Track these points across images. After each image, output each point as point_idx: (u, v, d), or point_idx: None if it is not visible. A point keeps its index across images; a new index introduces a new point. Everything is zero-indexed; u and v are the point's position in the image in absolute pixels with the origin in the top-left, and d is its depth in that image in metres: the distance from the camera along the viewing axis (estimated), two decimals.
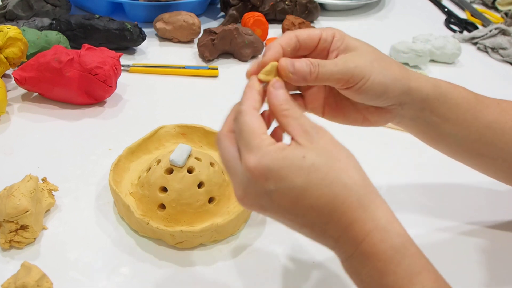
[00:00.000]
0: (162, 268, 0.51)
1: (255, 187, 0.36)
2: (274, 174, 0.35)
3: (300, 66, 0.42)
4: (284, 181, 0.35)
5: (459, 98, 0.49)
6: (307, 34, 0.44)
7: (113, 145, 0.66)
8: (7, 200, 0.49)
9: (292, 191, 0.35)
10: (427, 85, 0.47)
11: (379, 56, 0.45)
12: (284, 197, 0.35)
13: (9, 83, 0.75)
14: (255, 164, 0.35)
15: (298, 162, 0.35)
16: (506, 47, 0.98)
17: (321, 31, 0.45)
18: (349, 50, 0.45)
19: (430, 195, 0.63)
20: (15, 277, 0.46)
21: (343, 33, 0.46)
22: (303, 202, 0.35)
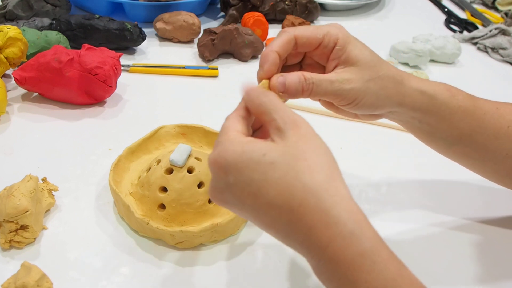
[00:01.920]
0: (162, 268, 0.51)
1: (218, 181, 0.36)
2: (232, 168, 0.35)
3: (293, 83, 0.42)
4: (241, 175, 0.34)
5: (454, 108, 0.49)
6: (307, 38, 0.44)
7: (113, 145, 0.66)
8: (7, 200, 0.49)
9: (250, 185, 0.34)
10: (422, 99, 0.48)
11: (376, 74, 0.45)
12: (243, 191, 0.35)
13: (9, 83, 0.75)
14: (215, 157, 0.36)
15: (257, 158, 0.35)
16: (506, 47, 0.98)
17: (323, 35, 0.44)
18: (349, 63, 0.44)
19: (430, 195, 0.63)
20: (15, 277, 0.46)
21: (347, 37, 0.45)
22: (261, 198, 0.34)
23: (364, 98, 0.45)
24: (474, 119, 0.50)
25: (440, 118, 0.49)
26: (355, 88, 0.44)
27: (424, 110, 0.48)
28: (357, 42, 0.46)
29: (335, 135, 0.72)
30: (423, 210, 0.61)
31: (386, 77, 0.46)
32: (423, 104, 0.48)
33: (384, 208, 0.60)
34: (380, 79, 0.45)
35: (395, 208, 0.61)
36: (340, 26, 0.46)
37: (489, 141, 0.51)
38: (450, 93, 0.49)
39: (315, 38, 0.44)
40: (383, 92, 0.46)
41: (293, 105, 0.78)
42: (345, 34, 0.45)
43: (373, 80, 0.45)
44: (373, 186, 0.63)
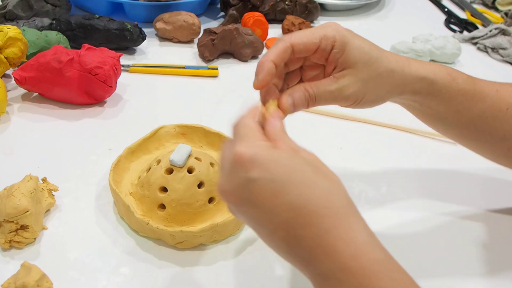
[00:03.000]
0: (162, 268, 0.51)
1: (238, 174, 0.35)
2: (259, 164, 0.34)
3: (300, 101, 0.44)
4: (267, 172, 0.34)
5: (454, 92, 0.49)
6: (304, 45, 0.44)
7: (113, 145, 0.66)
8: (7, 200, 0.49)
9: (273, 183, 0.34)
10: (422, 85, 0.48)
11: (375, 71, 0.46)
12: (264, 188, 0.34)
13: (9, 83, 0.75)
14: (244, 150, 0.35)
15: (285, 160, 0.35)
16: (506, 47, 0.98)
17: (320, 38, 0.44)
18: (347, 66, 0.45)
19: (430, 195, 0.63)
20: (15, 277, 0.46)
21: (344, 38, 0.45)
22: (282, 197, 0.34)
23: (364, 97, 0.46)
24: (473, 102, 0.50)
25: (440, 101, 0.50)
26: (355, 92, 0.45)
27: (424, 94, 0.49)
28: (355, 41, 0.45)
29: (335, 135, 0.72)
30: (424, 210, 0.61)
31: (385, 72, 0.46)
32: (423, 89, 0.49)
33: (384, 208, 0.60)
34: (380, 76, 0.46)
35: (395, 208, 0.61)
36: (336, 26, 0.45)
37: (487, 123, 0.51)
38: (451, 77, 0.49)
39: (312, 43, 0.44)
40: (384, 88, 0.47)
41: None
42: (342, 35, 0.45)
43: (373, 79, 0.46)
44: (373, 186, 0.63)
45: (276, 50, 0.43)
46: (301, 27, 0.94)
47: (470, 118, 0.51)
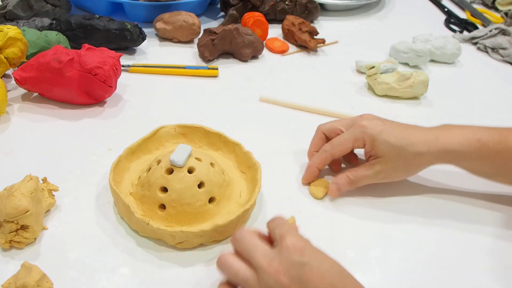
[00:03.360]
0: (162, 268, 0.51)
1: (292, 258, 0.42)
2: (310, 252, 0.43)
3: (343, 186, 0.60)
4: (316, 259, 0.43)
5: (485, 155, 0.57)
6: (341, 152, 0.60)
7: (113, 145, 0.66)
8: (7, 200, 0.49)
9: (321, 267, 0.42)
10: (451, 157, 0.58)
11: (402, 158, 0.58)
12: (314, 270, 0.42)
13: (9, 83, 0.75)
14: (296, 240, 0.43)
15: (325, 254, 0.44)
16: (506, 47, 0.98)
17: (352, 143, 0.59)
18: (378, 156, 0.58)
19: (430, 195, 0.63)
20: (15, 277, 0.46)
21: (372, 137, 0.58)
22: (327, 279, 0.42)
23: (395, 175, 0.60)
24: (508, 159, 0.57)
25: (473, 164, 0.58)
26: (386, 174, 0.59)
27: (455, 162, 0.59)
28: (382, 136, 0.57)
29: None
30: (423, 210, 0.61)
31: (412, 157, 0.58)
32: (453, 159, 0.58)
33: (384, 209, 0.60)
34: (407, 160, 0.58)
35: (395, 207, 0.61)
36: (365, 127, 0.58)
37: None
38: (480, 144, 0.57)
39: (347, 149, 0.60)
40: (413, 168, 0.59)
41: (293, 105, 0.78)
42: (369, 134, 0.58)
43: (401, 164, 0.58)
44: (373, 185, 0.63)
45: (320, 159, 0.61)
46: (301, 27, 0.94)
47: (506, 170, 0.58)
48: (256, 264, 0.43)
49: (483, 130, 0.58)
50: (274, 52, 0.93)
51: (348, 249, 0.54)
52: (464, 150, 0.57)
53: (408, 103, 0.82)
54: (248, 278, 0.43)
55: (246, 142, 0.63)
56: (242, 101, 0.78)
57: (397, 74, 0.81)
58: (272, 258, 0.43)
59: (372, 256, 0.54)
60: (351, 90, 0.84)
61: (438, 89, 0.85)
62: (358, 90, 0.84)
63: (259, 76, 0.86)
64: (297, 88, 0.83)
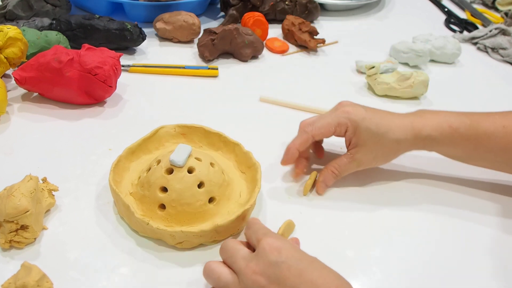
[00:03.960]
0: (162, 268, 0.51)
1: (269, 258, 0.42)
2: (286, 251, 0.43)
3: (329, 180, 0.60)
4: (293, 257, 0.43)
5: (457, 140, 0.58)
6: (322, 134, 0.59)
7: (113, 145, 0.66)
8: (7, 200, 0.49)
9: (299, 265, 0.42)
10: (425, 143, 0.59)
11: (382, 146, 0.58)
12: (291, 268, 0.42)
13: (9, 83, 0.75)
14: (272, 241, 0.43)
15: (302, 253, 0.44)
16: (506, 47, 0.98)
17: (335, 127, 0.58)
18: (359, 144, 0.59)
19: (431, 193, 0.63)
20: (15, 277, 0.46)
21: (355, 124, 0.57)
22: (305, 276, 0.42)
23: (375, 163, 0.61)
24: (478, 144, 0.58)
25: (446, 149, 0.60)
26: (368, 162, 0.60)
27: (430, 147, 0.60)
28: (364, 124, 0.57)
29: None
30: (424, 209, 0.61)
31: (391, 144, 0.59)
32: (427, 145, 0.60)
33: (385, 209, 0.60)
34: (387, 147, 0.59)
35: (395, 208, 0.61)
36: (349, 114, 0.58)
37: (496, 155, 0.59)
38: (452, 129, 0.58)
39: (328, 131, 0.59)
40: (392, 154, 0.60)
41: (293, 105, 0.78)
42: (353, 121, 0.58)
43: (381, 150, 0.59)
44: (373, 186, 0.63)
45: (300, 139, 0.59)
46: (301, 27, 0.94)
47: (479, 154, 0.59)
48: (237, 268, 0.44)
49: (455, 115, 0.59)
50: (274, 52, 0.93)
51: (348, 249, 0.54)
52: (436, 135, 0.58)
53: (408, 103, 0.82)
54: (229, 282, 0.44)
55: (246, 142, 0.63)
56: (242, 101, 0.78)
57: (397, 74, 0.81)
58: (250, 260, 0.43)
59: (372, 256, 0.54)
60: (351, 90, 0.84)
61: (438, 89, 0.85)
62: (358, 90, 0.84)
63: (259, 76, 0.86)
64: (297, 88, 0.83)
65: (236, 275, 0.44)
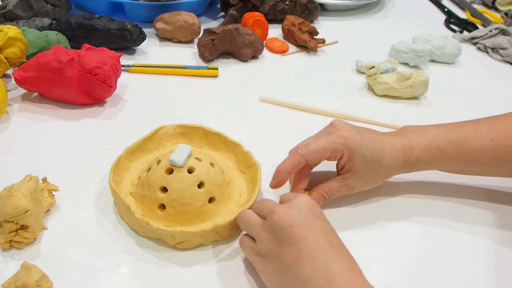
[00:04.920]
0: (162, 268, 0.51)
1: (301, 208, 0.47)
2: (317, 210, 0.48)
3: (319, 203, 0.58)
4: (320, 216, 0.48)
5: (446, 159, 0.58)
6: (316, 158, 0.56)
7: (113, 145, 0.66)
8: (7, 200, 0.49)
9: (322, 225, 0.47)
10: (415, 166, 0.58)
11: (374, 172, 0.57)
12: (318, 222, 0.47)
13: (9, 83, 0.75)
14: (308, 199, 0.49)
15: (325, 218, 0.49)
16: (506, 47, 0.98)
17: (330, 153, 0.56)
18: (352, 170, 0.56)
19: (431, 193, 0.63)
20: (15, 277, 0.46)
21: (351, 151, 0.55)
22: (327, 234, 0.46)
23: (365, 187, 0.59)
24: (467, 161, 0.58)
25: (435, 168, 0.60)
26: (359, 187, 0.58)
27: (418, 170, 0.59)
28: (360, 151, 0.55)
29: None
30: (424, 210, 0.61)
31: (383, 171, 0.58)
32: (416, 167, 0.59)
33: (384, 209, 0.60)
34: (379, 174, 0.58)
35: (394, 208, 0.61)
36: (345, 139, 0.56)
37: (487, 168, 0.59)
38: (439, 150, 0.58)
39: (323, 157, 0.56)
40: (381, 179, 0.59)
41: (293, 105, 0.78)
42: (349, 148, 0.55)
43: (373, 177, 0.58)
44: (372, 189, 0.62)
45: (292, 162, 0.56)
46: (301, 27, 0.94)
47: (471, 170, 0.60)
48: (266, 210, 0.48)
49: (442, 134, 0.58)
50: (274, 52, 0.93)
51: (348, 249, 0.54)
52: (425, 159, 0.58)
53: (408, 103, 0.82)
54: (256, 222, 0.49)
55: (246, 142, 0.63)
56: (242, 101, 0.78)
57: (397, 74, 0.81)
58: (281, 205, 0.48)
59: (372, 256, 0.54)
60: (351, 90, 0.84)
61: (438, 89, 0.85)
62: (358, 90, 0.84)
63: (259, 76, 0.86)
64: (297, 88, 0.83)
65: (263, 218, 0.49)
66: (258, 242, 0.48)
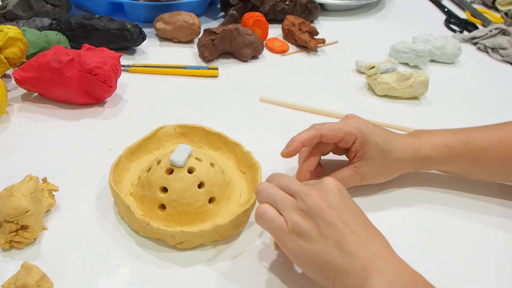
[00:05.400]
0: (162, 268, 0.51)
1: (332, 190, 0.47)
2: (345, 192, 0.48)
3: None
4: (349, 197, 0.48)
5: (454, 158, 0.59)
6: (330, 136, 0.57)
7: (113, 145, 0.66)
8: (7, 200, 0.49)
9: (354, 205, 0.47)
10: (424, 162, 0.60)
11: (387, 161, 0.58)
12: (350, 203, 0.47)
13: (9, 83, 0.75)
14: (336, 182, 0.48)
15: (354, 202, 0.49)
16: (506, 47, 0.98)
17: (344, 134, 0.57)
18: (364, 158, 0.58)
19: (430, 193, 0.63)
20: (15, 278, 0.46)
21: (364, 136, 0.57)
22: (360, 214, 0.47)
23: (377, 180, 0.60)
24: (475, 160, 0.59)
25: (444, 167, 0.61)
26: (371, 177, 0.59)
27: (427, 167, 0.61)
28: (373, 138, 0.57)
29: None
30: (424, 208, 0.61)
31: (394, 161, 0.59)
32: (425, 164, 0.60)
33: (384, 209, 0.60)
34: (390, 164, 0.59)
35: (395, 207, 0.61)
36: (360, 125, 0.57)
37: (495, 169, 0.60)
38: (448, 148, 0.59)
39: (337, 136, 0.57)
40: (393, 171, 0.60)
41: (293, 105, 0.78)
42: (363, 133, 0.57)
43: (384, 167, 0.59)
44: (375, 185, 0.62)
45: (307, 134, 0.57)
46: (301, 27, 0.94)
47: (479, 170, 0.60)
48: (296, 189, 0.47)
49: (451, 134, 0.60)
50: (274, 52, 0.93)
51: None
52: (433, 156, 0.59)
53: (408, 103, 0.82)
54: (285, 198, 0.47)
55: (246, 142, 0.63)
56: (242, 101, 0.78)
57: (397, 74, 0.81)
58: (312, 188, 0.47)
59: None
60: (351, 90, 0.84)
61: (438, 89, 0.85)
62: (358, 90, 0.84)
63: (259, 76, 0.86)
64: (297, 88, 0.83)
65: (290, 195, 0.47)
66: (291, 220, 0.46)
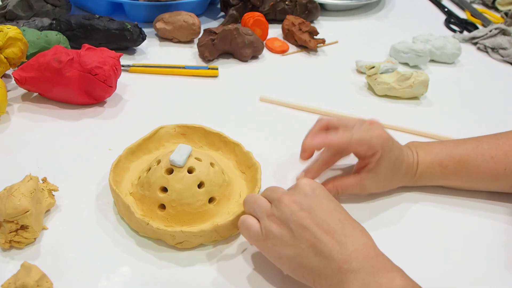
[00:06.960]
0: (162, 268, 0.51)
1: (304, 191, 0.48)
2: (321, 191, 0.48)
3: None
4: (325, 196, 0.48)
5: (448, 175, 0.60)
6: (360, 148, 0.57)
7: (113, 145, 0.66)
8: (7, 200, 0.49)
9: (329, 204, 0.47)
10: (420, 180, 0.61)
11: (391, 178, 0.59)
12: (322, 204, 0.47)
13: (9, 83, 0.75)
14: (310, 181, 0.49)
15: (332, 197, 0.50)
16: (506, 47, 0.98)
17: (368, 147, 0.56)
18: (373, 171, 0.57)
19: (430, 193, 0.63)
20: (15, 277, 0.46)
21: (383, 152, 0.56)
22: (336, 213, 0.47)
23: (376, 191, 0.60)
24: (467, 178, 0.61)
25: (438, 183, 0.62)
26: (371, 189, 0.60)
27: (422, 183, 0.62)
28: (389, 155, 0.57)
29: None
30: (424, 208, 0.61)
31: (396, 178, 0.60)
32: (418, 181, 0.61)
33: (385, 208, 0.60)
34: (393, 180, 0.60)
35: (395, 206, 0.61)
36: (384, 140, 0.56)
37: (487, 184, 0.61)
38: (442, 167, 0.60)
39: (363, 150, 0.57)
40: (393, 185, 0.61)
41: (293, 105, 0.78)
42: (383, 150, 0.56)
43: (387, 182, 0.60)
44: None
45: (338, 139, 0.57)
46: (301, 27, 0.94)
47: (471, 185, 0.62)
48: (275, 196, 0.48)
49: (445, 151, 0.60)
50: (274, 52, 0.93)
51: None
52: (427, 175, 0.60)
53: (408, 103, 0.82)
54: (263, 205, 0.49)
55: (246, 142, 0.63)
56: (242, 101, 0.78)
57: (397, 74, 0.81)
58: (286, 193, 0.49)
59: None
60: (351, 90, 0.84)
61: (438, 89, 0.85)
62: (358, 90, 0.84)
63: (259, 76, 0.86)
64: (297, 88, 0.83)
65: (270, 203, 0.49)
66: (265, 227, 0.47)
